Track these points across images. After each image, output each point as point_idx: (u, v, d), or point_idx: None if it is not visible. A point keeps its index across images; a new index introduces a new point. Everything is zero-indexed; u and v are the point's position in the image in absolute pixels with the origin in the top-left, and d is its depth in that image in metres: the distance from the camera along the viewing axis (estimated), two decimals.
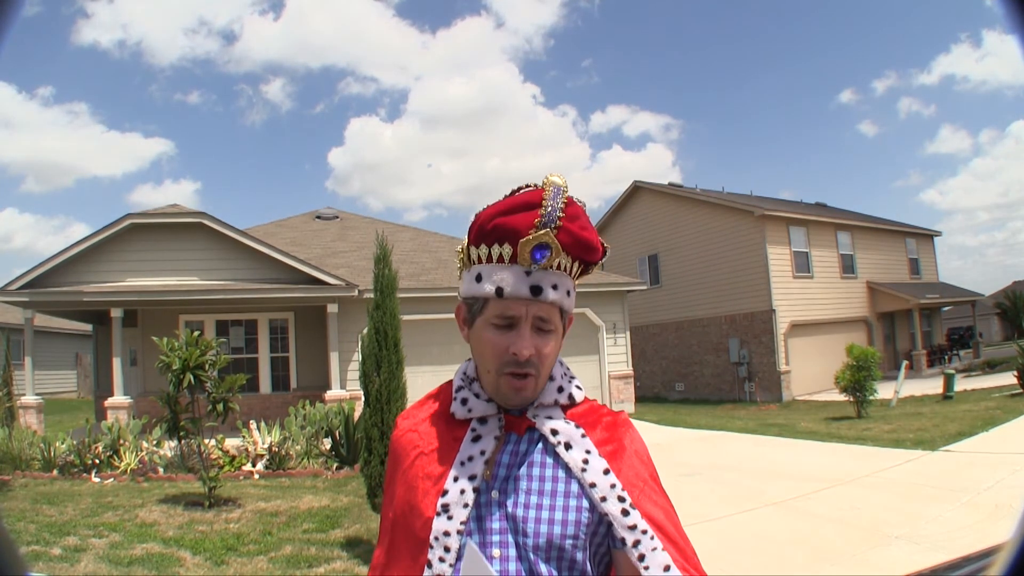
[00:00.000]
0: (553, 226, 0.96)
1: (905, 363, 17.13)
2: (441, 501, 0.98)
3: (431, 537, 0.97)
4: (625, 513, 0.96)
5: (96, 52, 63.59)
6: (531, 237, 0.96)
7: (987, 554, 0.98)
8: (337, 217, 20.20)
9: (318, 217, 19.94)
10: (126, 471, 8.30)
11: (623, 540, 0.95)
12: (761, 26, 60.60)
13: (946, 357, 22.85)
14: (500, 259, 0.99)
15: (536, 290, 0.98)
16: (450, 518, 0.97)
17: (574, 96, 72.00)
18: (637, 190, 22.53)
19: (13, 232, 69.42)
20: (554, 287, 0.99)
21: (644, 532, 0.96)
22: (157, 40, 69.61)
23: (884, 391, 13.83)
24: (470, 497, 0.98)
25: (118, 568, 4.88)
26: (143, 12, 69.44)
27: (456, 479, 0.99)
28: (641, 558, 0.94)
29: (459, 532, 0.96)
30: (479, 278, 1.01)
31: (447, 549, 0.96)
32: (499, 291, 0.98)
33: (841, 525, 5.60)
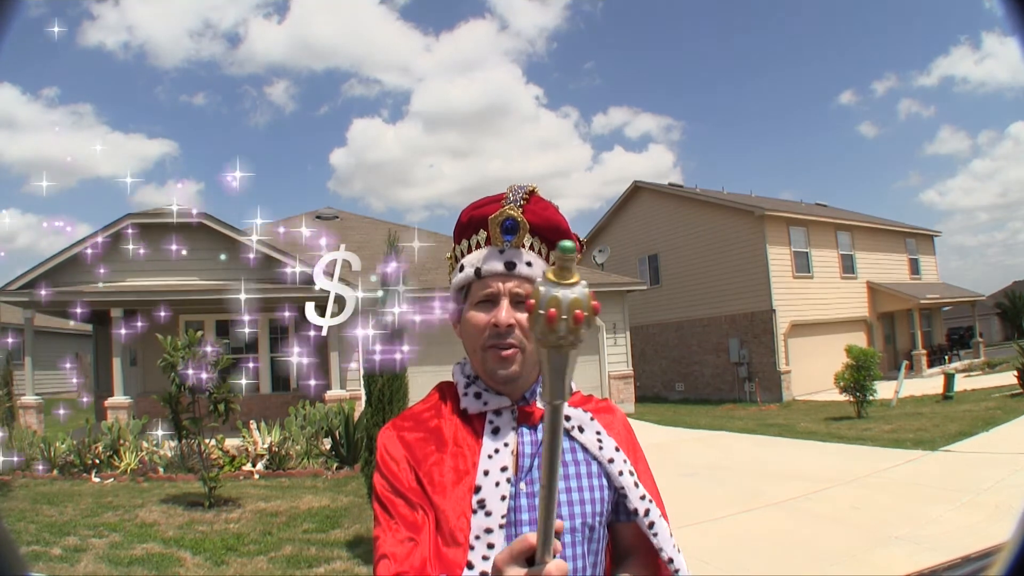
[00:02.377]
0: (517, 205, 1.06)
1: (905, 363, 17.13)
2: (476, 498, 0.97)
3: (472, 536, 0.94)
4: (636, 485, 1.04)
5: (102, 54, 63.60)
6: (497, 213, 1.06)
7: (987, 554, 0.99)
8: (337, 217, 20.20)
9: (318, 217, 19.93)
10: (126, 471, 8.30)
11: (635, 511, 1.03)
12: (762, 28, 60.64)
13: (946, 357, 22.85)
14: (478, 246, 1.09)
15: (509, 265, 1.05)
16: (488, 514, 0.96)
17: (576, 98, 71.95)
18: (637, 190, 22.53)
19: (15, 232, 69.34)
20: (528, 264, 1.06)
21: (652, 501, 1.04)
22: (163, 43, 69.63)
23: (884, 391, 13.82)
24: (506, 489, 0.98)
25: (118, 568, 4.88)
26: (149, 15, 69.49)
27: (487, 473, 0.99)
28: (651, 526, 1.02)
29: (500, 527, 0.95)
30: (461, 268, 1.10)
31: (490, 546, 0.93)
32: (477, 272, 1.06)
33: (841, 525, 5.60)
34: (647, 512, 1.02)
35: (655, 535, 1.01)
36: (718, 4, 63.94)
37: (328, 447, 9.11)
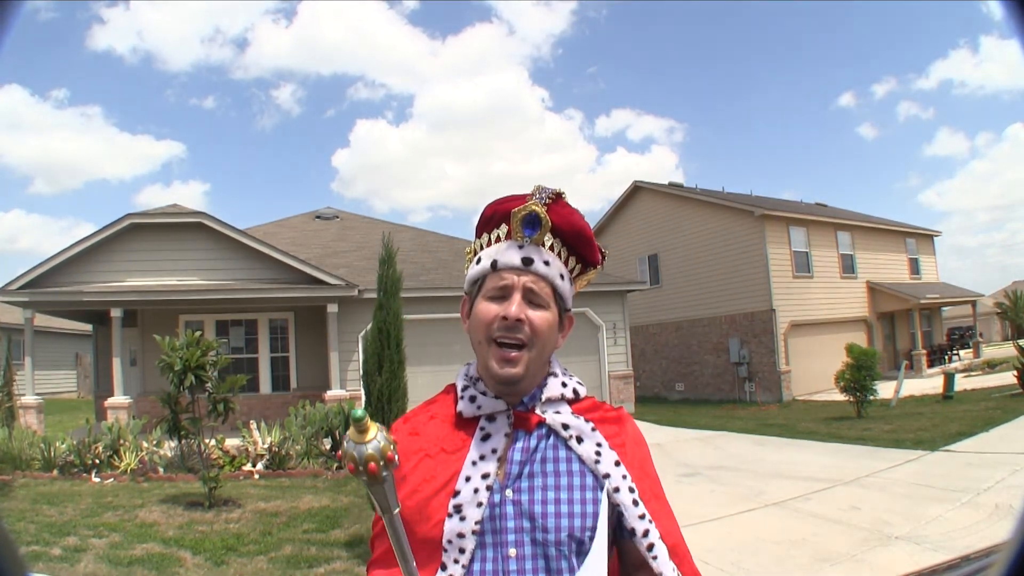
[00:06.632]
0: (542, 203, 1.03)
1: (905, 363, 17.12)
2: (453, 502, 0.97)
3: (444, 540, 0.96)
4: (635, 503, 0.99)
5: (111, 57, 63.91)
6: (521, 207, 1.03)
7: (987, 554, 0.98)
8: (337, 217, 20.20)
9: (318, 217, 19.94)
10: (126, 471, 8.30)
11: (632, 530, 0.98)
12: (763, 32, 60.70)
13: (946, 357, 22.84)
14: (498, 240, 1.06)
15: (527, 260, 1.03)
16: (463, 519, 0.96)
17: (581, 101, 72.33)
18: (637, 190, 22.51)
19: (19, 233, 69.52)
20: (546, 263, 1.04)
21: (651, 522, 0.99)
22: (172, 46, 70.05)
23: (884, 391, 13.83)
24: (484, 496, 0.97)
25: (118, 568, 4.88)
26: (158, 19, 69.86)
27: (468, 479, 0.98)
28: (650, 547, 0.98)
29: (474, 533, 0.95)
30: (478, 261, 1.07)
31: (462, 551, 0.95)
32: (493, 264, 1.04)
33: (841, 525, 5.60)
34: (646, 533, 0.98)
35: (654, 558, 0.97)
36: (720, 8, 64.04)
37: (328, 447, 9.11)
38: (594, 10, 67.49)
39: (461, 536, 0.95)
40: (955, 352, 23.78)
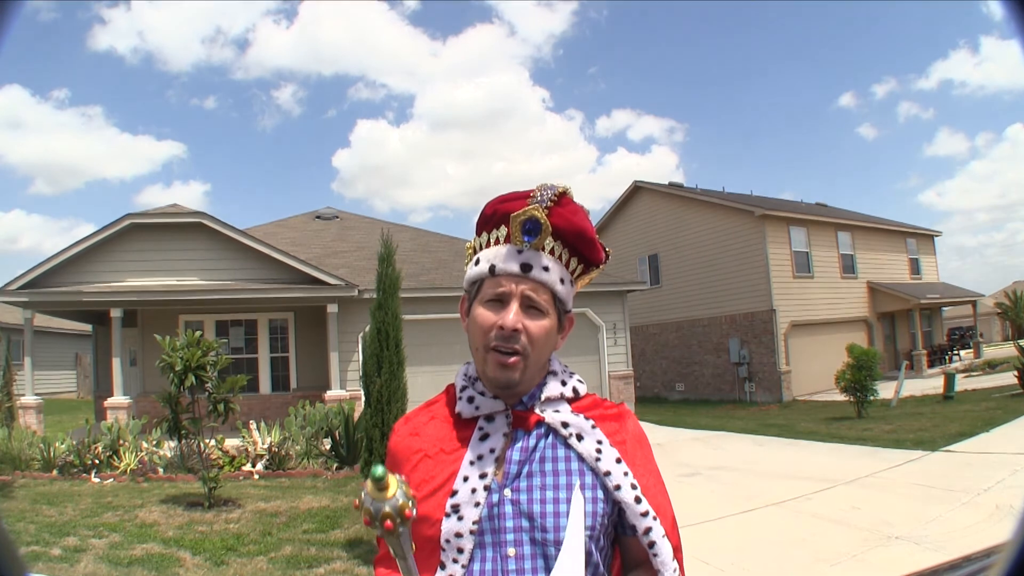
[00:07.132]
0: (543, 206, 1.01)
1: (905, 363, 17.11)
2: (450, 502, 0.97)
3: (442, 539, 0.96)
4: (638, 500, 0.98)
5: (112, 57, 64.17)
6: (520, 211, 1.01)
7: (987, 554, 0.98)
8: (337, 217, 20.19)
9: (318, 217, 19.93)
10: (126, 471, 8.30)
11: (634, 527, 0.98)
12: (764, 32, 60.76)
13: (947, 357, 22.84)
14: (497, 241, 1.04)
15: (526, 267, 1.01)
16: (460, 519, 0.96)
17: (581, 101, 72.60)
18: (637, 190, 22.51)
19: (20, 233, 69.65)
20: (545, 269, 1.01)
21: (655, 519, 0.98)
22: (173, 47, 70.32)
23: (884, 391, 13.82)
24: (481, 496, 0.97)
25: (118, 568, 4.88)
26: (159, 20, 70.13)
27: (466, 479, 0.98)
28: (651, 545, 0.97)
29: (471, 532, 0.95)
30: (477, 262, 1.06)
31: (460, 550, 0.95)
32: (491, 268, 1.02)
33: (841, 525, 5.59)
34: (648, 530, 0.97)
35: (655, 555, 0.97)
36: (720, 8, 64.15)
37: (328, 447, 9.10)
38: (595, 11, 67.75)
39: (459, 536, 0.95)
40: (955, 352, 23.78)
